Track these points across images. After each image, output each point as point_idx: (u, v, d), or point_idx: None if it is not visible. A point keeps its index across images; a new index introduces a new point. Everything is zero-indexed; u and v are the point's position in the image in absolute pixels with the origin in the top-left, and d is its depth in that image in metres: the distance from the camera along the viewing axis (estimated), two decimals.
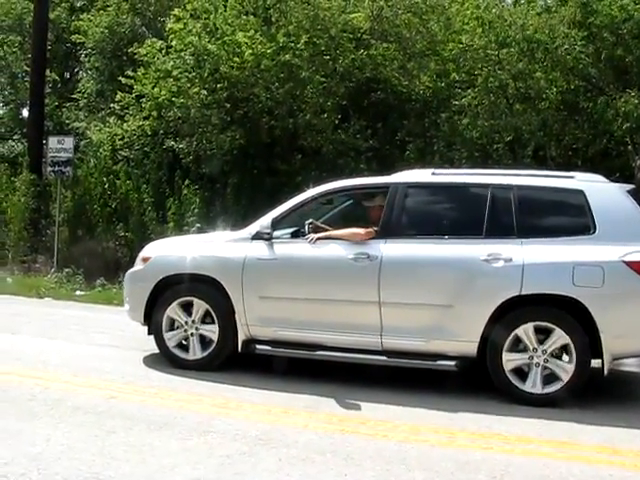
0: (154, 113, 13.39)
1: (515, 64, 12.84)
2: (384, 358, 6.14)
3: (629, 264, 5.65)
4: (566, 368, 5.73)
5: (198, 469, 4.22)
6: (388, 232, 6.23)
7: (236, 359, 6.66)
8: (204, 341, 6.58)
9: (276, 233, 6.47)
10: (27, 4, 21.22)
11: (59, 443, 4.59)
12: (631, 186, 6.42)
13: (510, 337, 5.79)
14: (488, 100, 13.21)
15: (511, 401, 5.79)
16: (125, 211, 14.07)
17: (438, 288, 5.99)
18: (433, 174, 6.65)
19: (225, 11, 13.25)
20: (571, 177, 6.32)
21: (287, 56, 12.51)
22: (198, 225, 11.69)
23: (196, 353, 6.58)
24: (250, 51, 12.39)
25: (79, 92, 20.49)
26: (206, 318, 6.55)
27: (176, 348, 6.64)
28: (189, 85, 12.83)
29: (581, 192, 6.00)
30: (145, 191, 13.87)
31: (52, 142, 14.49)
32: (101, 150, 15.12)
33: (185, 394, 5.82)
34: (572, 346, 5.69)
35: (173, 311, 6.61)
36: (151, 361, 6.84)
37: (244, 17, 13.27)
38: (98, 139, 15.17)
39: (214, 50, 12.47)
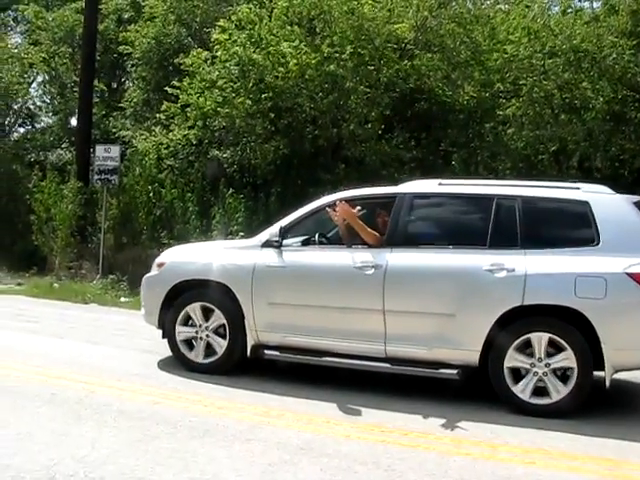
0: (199, 122, 13.52)
1: (561, 74, 12.71)
2: (388, 365, 6.22)
3: (632, 276, 5.60)
4: (569, 380, 5.70)
5: (241, 476, 4.25)
6: (394, 241, 6.32)
7: (274, 368, 6.72)
8: (210, 346, 6.76)
9: (287, 241, 6.62)
10: (78, 17, 21.56)
11: (104, 447, 4.67)
12: (636, 197, 6.34)
13: (512, 346, 5.79)
14: (533, 110, 13.08)
15: (552, 416, 5.72)
16: (169, 219, 14.22)
17: (441, 297, 6.04)
18: (440, 184, 6.67)
19: (270, 22, 13.34)
20: (577, 188, 6.27)
21: (331, 66, 12.54)
22: (242, 234, 11.75)
23: (205, 356, 6.78)
24: (295, 61, 12.45)
25: (126, 101, 20.79)
26: (220, 328, 6.72)
27: (189, 351, 6.85)
28: (234, 95, 12.93)
29: (586, 203, 5.98)
30: (189, 199, 14.00)
31: (99, 151, 14.76)
32: (146, 159, 15.30)
33: (227, 402, 5.87)
34: (573, 357, 5.65)
35: (186, 315, 6.82)
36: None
37: (288, 27, 13.30)
38: (144, 148, 15.35)
39: (259, 60, 12.55)
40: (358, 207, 6.52)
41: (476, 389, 6.17)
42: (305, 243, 6.70)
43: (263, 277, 6.54)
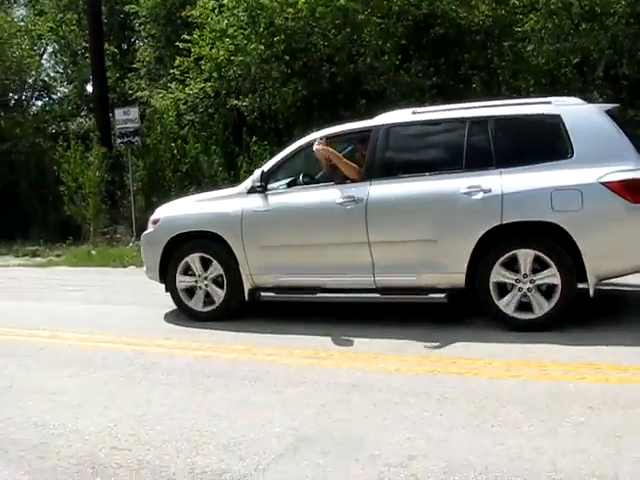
0: (214, 74, 13.42)
1: None
2: (378, 295, 6.42)
3: (607, 185, 5.61)
4: (551, 296, 5.80)
5: (296, 419, 4.31)
6: (372, 174, 6.42)
7: (314, 310, 6.78)
8: (209, 294, 7.05)
9: (274, 184, 6.82)
10: None
11: (160, 404, 4.77)
12: (611, 105, 6.35)
13: (498, 262, 5.90)
14: (552, 23, 12.75)
15: (601, 330, 5.73)
16: (197, 174, 14.26)
17: (422, 224, 6.13)
18: (413, 113, 6.69)
19: None
20: (548, 102, 6.26)
21: (342, 1, 12.29)
22: None
23: (204, 304, 7.09)
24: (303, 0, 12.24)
25: (138, 61, 20.69)
26: (219, 278, 6.96)
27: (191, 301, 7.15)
28: (246, 42, 12.78)
29: (557, 116, 5.96)
30: (214, 152, 13.98)
31: (118, 114, 14.76)
32: (166, 116, 15.28)
33: (275, 348, 5.95)
34: (558, 273, 5.73)
35: (185, 266, 7.08)
36: (239, 321, 6.98)
37: None
38: (162, 106, 15.32)
39: (267, 3, 12.34)
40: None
41: None
42: (291, 184, 6.86)
43: (251, 222, 6.74)
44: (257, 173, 6.80)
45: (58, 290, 10.08)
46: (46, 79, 24.98)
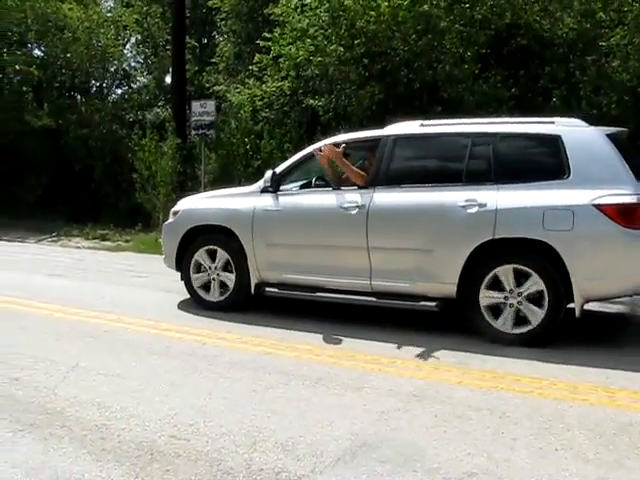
0: (292, 73, 13.47)
1: None
2: (374, 299, 6.63)
3: (599, 207, 5.70)
4: (536, 311, 5.91)
5: (355, 424, 4.29)
6: (377, 182, 6.65)
7: (387, 317, 6.72)
8: (223, 285, 7.44)
9: (288, 186, 7.18)
10: None
11: (221, 397, 4.81)
12: (614, 129, 6.43)
13: (486, 279, 6.05)
14: (639, 39, 12.36)
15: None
16: (268, 170, 14.30)
17: (420, 233, 6.34)
18: (421, 125, 6.86)
19: None
20: (551, 122, 6.36)
21: (425, 6, 12.21)
22: None
23: (216, 295, 7.49)
24: (386, 3, 12.18)
25: (218, 56, 20.95)
26: (227, 266, 7.37)
27: (200, 289, 7.59)
28: (325, 42, 12.79)
29: (558, 137, 6.07)
30: (288, 150, 14.05)
31: (195, 106, 14.97)
32: (242, 112, 15.42)
33: (337, 350, 5.94)
34: (545, 290, 5.84)
35: (200, 257, 7.52)
36: (303, 318, 7.02)
37: None
38: (238, 101, 15.46)
39: (350, 5, 12.33)
40: (343, 146, 6.89)
41: (590, 334, 6.00)
42: (303, 187, 7.22)
43: (261, 220, 7.10)
44: (268, 174, 7.14)
45: (124, 275, 10.27)
46: (127, 68, 25.55)
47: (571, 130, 6.16)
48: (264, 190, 7.17)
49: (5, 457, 3.87)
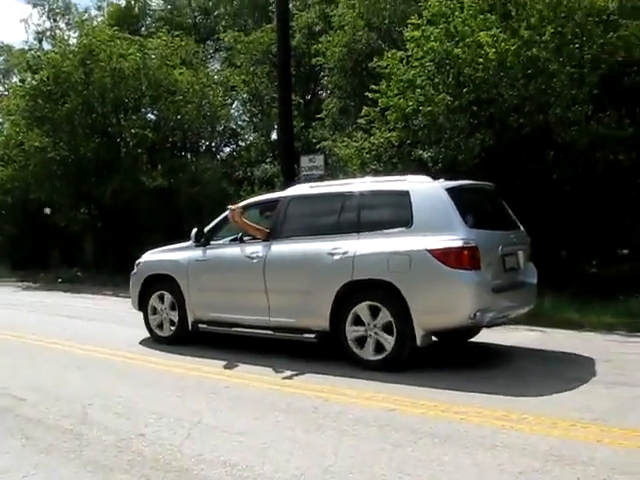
0: (400, 124, 13.44)
1: None
2: (271, 332, 7.95)
3: (430, 251, 6.75)
4: (389, 339, 6.95)
5: None
6: (274, 235, 8.03)
7: (492, 367, 6.46)
8: (172, 322, 8.97)
9: (219, 241, 8.69)
10: (273, 36, 22.44)
11: (347, 455, 4.67)
12: (456, 183, 7.40)
13: (350, 315, 7.17)
14: None
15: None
16: None
17: (302, 277, 7.61)
18: (310, 187, 8.39)
19: (462, 12, 12.99)
20: (403, 180, 7.64)
21: (533, 50, 11.97)
22: None
23: (167, 332, 9.07)
24: (493, 50, 12.02)
25: (324, 111, 21.26)
26: (174, 306, 8.92)
27: (156, 328, 9.21)
28: (433, 92, 12.72)
29: (406, 192, 7.21)
30: None
31: (304, 161, 15.19)
32: (349, 164, 15.50)
33: (464, 406, 5.69)
34: (392, 321, 6.90)
35: (153, 301, 9.16)
36: (420, 374, 6.85)
37: (482, 16, 12.88)
38: (345, 154, 15.54)
39: (458, 53, 12.24)
40: (240, 207, 8.40)
41: None
42: (232, 241, 8.59)
43: (194, 269, 8.68)
44: (193, 231, 8.74)
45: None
46: (234, 127, 26.34)
47: (418, 186, 7.32)
48: (197, 244, 8.66)
49: None
